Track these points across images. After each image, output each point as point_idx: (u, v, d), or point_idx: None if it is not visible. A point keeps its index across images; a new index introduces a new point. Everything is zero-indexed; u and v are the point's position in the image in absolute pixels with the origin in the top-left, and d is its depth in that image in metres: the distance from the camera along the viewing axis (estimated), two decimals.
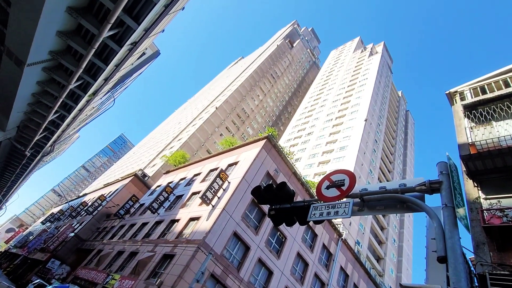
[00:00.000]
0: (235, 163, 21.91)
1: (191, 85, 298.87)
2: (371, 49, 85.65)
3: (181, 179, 27.80)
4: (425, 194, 5.10)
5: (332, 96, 66.60)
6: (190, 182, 25.30)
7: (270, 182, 9.98)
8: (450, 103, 11.71)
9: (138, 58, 23.13)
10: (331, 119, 55.31)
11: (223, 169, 21.88)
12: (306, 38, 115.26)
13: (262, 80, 75.27)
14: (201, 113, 66.75)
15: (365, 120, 46.66)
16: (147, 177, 39.65)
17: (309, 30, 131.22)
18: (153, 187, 32.73)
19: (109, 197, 35.69)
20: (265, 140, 22.15)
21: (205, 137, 53.65)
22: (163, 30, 22.88)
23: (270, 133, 23.06)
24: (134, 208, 29.08)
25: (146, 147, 75.19)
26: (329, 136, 49.82)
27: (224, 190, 19.01)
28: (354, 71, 73.39)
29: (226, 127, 59.02)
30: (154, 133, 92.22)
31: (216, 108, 58.67)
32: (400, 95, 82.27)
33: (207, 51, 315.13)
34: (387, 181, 46.25)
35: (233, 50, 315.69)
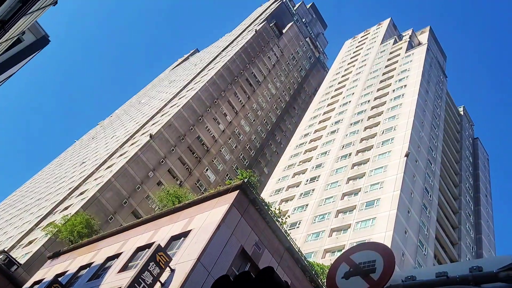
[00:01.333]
0: (184, 235, 22.01)
1: (108, 97, 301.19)
2: (409, 37, 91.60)
3: (82, 268, 27.14)
4: None
5: (349, 114, 69.03)
6: (99, 273, 24.93)
7: (247, 268, 9.38)
8: None
9: (6, 49, 22.83)
10: (349, 154, 56.59)
11: (162, 245, 21.53)
12: (303, 20, 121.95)
13: (232, 89, 77.26)
14: (123, 146, 66.98)
15: (407, 156, 48.06)
16: (15, 267, 37.47)
17: (308, 6, 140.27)
18: (27, 286, 30.99)
19: None
20: (236, 192, 22.59)
21: (131, 187, 53.15)
22: (56, 2, 22.94)
23: (245, 179, 23.71)
24: None
25: (15, 210, 72.45)
26: (348, 184, 50.49)
27: (163, 285, 18.61)
28: (384, 73, 77.30)
29: (168, 170, 59.12)
30: (32, 184, 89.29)
31: (151, 136, 58.91)
32: (462, 112, 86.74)
33: (138, 41, 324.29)
34: (450, 261, 46.56)
35: (181, 38, 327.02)
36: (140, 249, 24.10)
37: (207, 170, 65.27)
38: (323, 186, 53.11)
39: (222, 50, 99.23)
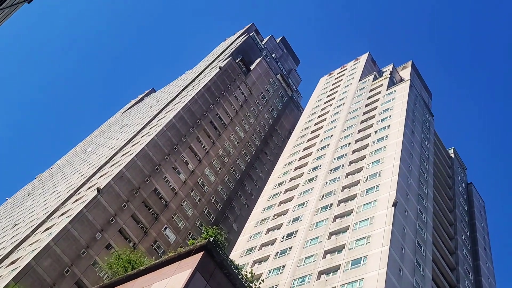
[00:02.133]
0: None
1: (48, 145, 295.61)
2: (390, 73, 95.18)
3: None
4: None
5: (328, 159, 69.83)
6: None
7: None
8: None
9: None
10: (330, 205, 56.63)
11: None
12: (273, 56, 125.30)
13: (194, 134, 77.37)
14: (65, 203, 65.30)
15: (394, 205, 48.43)
16: None
17: (278, 40, 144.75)
18: None
19: None
20: (201, 253, 22.60)
21: (74, 252, 51.65)
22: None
23: (211, 238, 23.70)
24: None
25: None
26: (330, 239, 50.13)
27: None
28: (364, 113, 79.40)
29: (119, 230, 57.68)
30: None
31: (99, 191, 57.78)
32: (452, 155, 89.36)
33: (84, 79, 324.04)
34: None
35: (135, 76, 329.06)
36: None
37: (165, 228, 63.79)
38: (301, 243, 52.51)
39: (182, 90, 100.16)
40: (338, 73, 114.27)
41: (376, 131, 69.97)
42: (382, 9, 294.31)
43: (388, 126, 69.23)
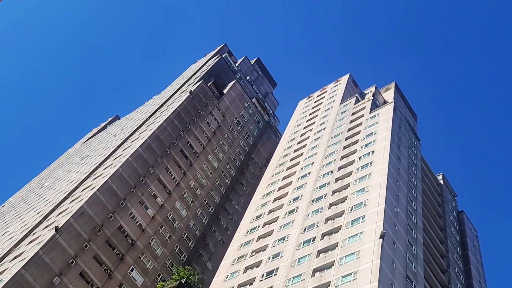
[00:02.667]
0: None
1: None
2: (373, 95, 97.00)
3: None
4: None
5: (309, 188, 70.04)
6: None
7: None
8: None
9: None
10: (313, 238, 56.53)
11: None
12: (248, 78, 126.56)
13: (163, 164, 76.93)
14: (19, 245, 63.76)
15: (382, 237, 48.58)
16: None
17: (253, 62, 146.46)
18: None
19: None
20: None
21: None
22: None
23: (183, 280, 23.12)
24: None
25: None
26: (313, 277, 49.79)
27: None
28: (347, 138, 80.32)
29: (80, 273, 56.53)
30: None
31: (57, 230, 56.83)
32: (441, 181, 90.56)
33: (40, 107, 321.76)
34: None
35: (96, 103, 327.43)
36: None
37: (132, 270, 62.51)
38: (283, 282, 51.97)
39: (149, 116, 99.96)
40: (317, 96, 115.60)
41: (360, 157, 70.63)
42: (362, 28, 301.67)
43: (373, 151, 70.02)
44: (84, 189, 71.50)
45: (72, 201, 69.11)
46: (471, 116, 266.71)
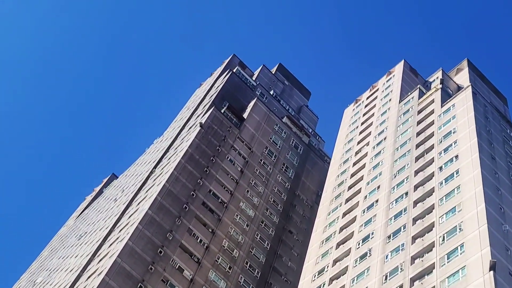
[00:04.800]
0: None
1: None
2: (441, 82, 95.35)
3: None
4: None
5: (380, 221, 68.90)
6: None
7: None
8: None
9: None
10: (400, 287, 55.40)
11: None
12: (272, 93, 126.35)
13: (183, 226, 76.76)
14: None
15: (492, 268, 47.31)
16: None
17: (273, 70, 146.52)
18: None
19: None
20: None
21: None
22: None
23: None
24: None
25: None
26: None
27: None
28: (417, 145, 79.10)
29: None
30: None
31: None
32: None
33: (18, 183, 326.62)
34: None
35: (87, 162, 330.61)
36: None
37: None
38: None
39: (154, 167, 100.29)
40: (367, 98, 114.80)
41: (440, 167, 69.48)
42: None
43: (456, 156, 68.80)
44: (88, 277, 71.85)
45: None
46: None
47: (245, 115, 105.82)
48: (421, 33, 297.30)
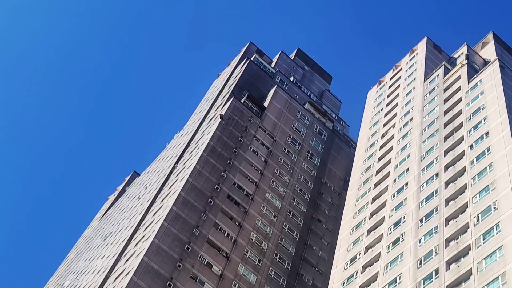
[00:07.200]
0: None
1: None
2: (466, 57, 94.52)
3: None
4: None
5: (411, 204, 68.63)
6: None
7: None
8: None
9: None
10: (435, 271, 55.16)
11: None
12: (292, 79, 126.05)
13: (209, 221, 76.98)
14: None
15: None
16: None
17: (293, 56, 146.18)
18: None
19: None
20: None
21: None
22: None
23: None
24: None
25: None
26: None
27: None
28: (445, 124, 78.56)
29: None
30: None
31: None
32: None
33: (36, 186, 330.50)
34: None
35: (105, 162, 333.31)
36: None
37: None
38: None
39: (176, 162, 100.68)
40: (390, 78, 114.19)
41: (471, 146, 68.92)
42: None
43: (486, 133, 68.15)
44: (116, 278, 72.34)
45: None
46: None
47: (265, 104, 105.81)
48: (442, 7, 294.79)
